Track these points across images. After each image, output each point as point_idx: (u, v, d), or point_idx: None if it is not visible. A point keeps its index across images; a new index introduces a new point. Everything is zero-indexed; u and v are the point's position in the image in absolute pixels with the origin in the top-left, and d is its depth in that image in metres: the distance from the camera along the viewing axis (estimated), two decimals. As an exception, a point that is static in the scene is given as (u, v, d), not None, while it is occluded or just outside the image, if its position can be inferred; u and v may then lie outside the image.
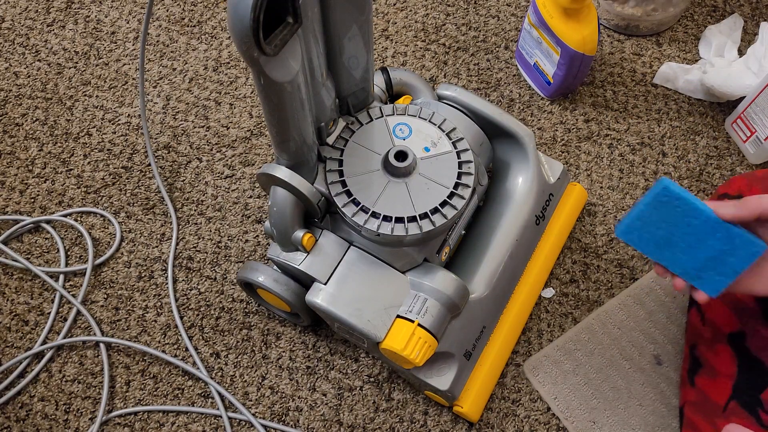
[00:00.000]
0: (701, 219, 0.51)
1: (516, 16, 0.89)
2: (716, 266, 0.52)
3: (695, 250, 0.52)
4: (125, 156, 0.81)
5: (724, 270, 0.52)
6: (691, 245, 0.52)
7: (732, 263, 0.51)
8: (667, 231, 0.52)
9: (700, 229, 0.51)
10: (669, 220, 0.52)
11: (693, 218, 0.51)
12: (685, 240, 0.52)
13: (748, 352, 0.59)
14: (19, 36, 0.90)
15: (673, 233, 0.52)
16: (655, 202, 0.52)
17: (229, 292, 0.73)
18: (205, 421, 0.67)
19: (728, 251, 0.51)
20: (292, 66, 0.46)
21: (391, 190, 0.57)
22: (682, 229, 0.52)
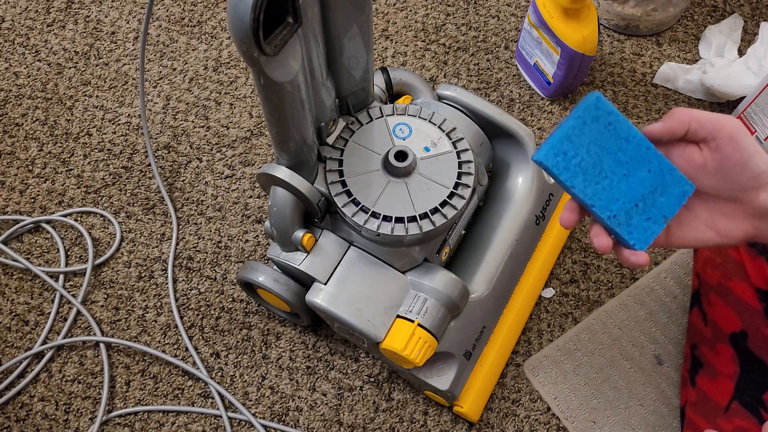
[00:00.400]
0: (634, 142, 0.44)
1: (516, 16, 0.89)
2: (646, 208, 0.45)
3: (625, 184, 0.45)
4: (125, 156, 0.81)
5: (653, 214, 0.45)
6: (621, 178, 0.44)
7: (662, 205, 0.45)
8: (595, 156, 0.44)
9: (632, 155, 0.44)
10: (599, 141, 0.44)
11: (625, 141, 0.44)
12: (614, 170, 0.44)
13: (750, 353, 0.59)
14: (19, 36, 0.90)
15: (602, 160, 0.44)
16: (586, 116, 0.44)
17: (229, 292, 0.73)
18: (205, 421, 0.67)
19: (659, 189, 0.45)
20: (292, 66, 0.46)
21: (391, 190, 0.57)
22: (613, 155, 0.44)
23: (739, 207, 0.44)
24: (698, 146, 0.44)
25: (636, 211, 0.45)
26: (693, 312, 0.66)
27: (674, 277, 0.72)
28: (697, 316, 0.65)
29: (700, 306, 0.65)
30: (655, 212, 0.45)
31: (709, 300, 0.64)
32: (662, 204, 0.45)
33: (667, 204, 0.45)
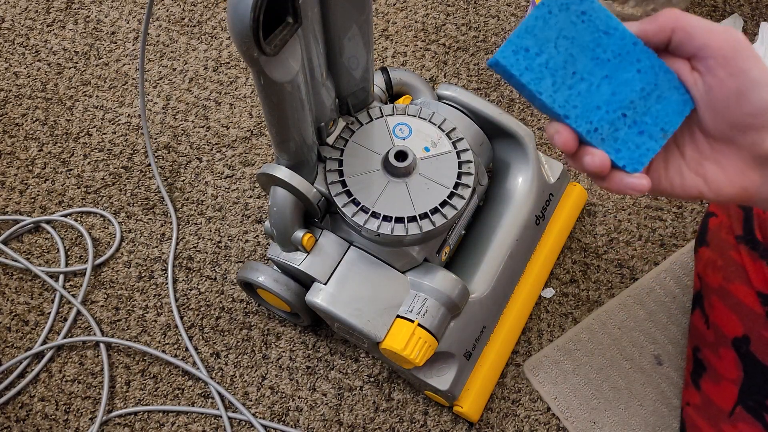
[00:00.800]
0: (616, 36, 0.35)
1: (516, 16, 0.89)
2: (638, 118, 0.35)
3: (608, 87, 0.35)
4: (125, 156, 0.81)
5: (648, 126, 0.35)
6: (602, 80, 0.35)
7: (658, 114, 0.35)
8: (566, 54, 0.35)
9: (614, 51, 0.35)
10: (570, 35, 0.35)
11: (604, 33, 0.35)
12: (592, 71, 0.35)
13: (754, 358, 0.57)
14: (19, 36, 0.90)
15: (576, 58, 0.35)
16: (552, 4, 0.35)
17: (229, 292, 0.73)
18: (205, 421, 0.67)
19: (654, 94, 0.35)
20: (292, 66, 0.46)
21: (391, 190, 0.57)
22: (589, 51, 0.35)
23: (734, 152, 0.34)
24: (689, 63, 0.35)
25: (624, 122, 0.35)
26: (695, 314, 0.66)
27: (674, 277, 0.72)
28: (699, 318, 0.64)
29: (702, 308, 0.65)
30: (650, 123, 0.35)
31: (710, 302, 0.63)
32: (659, 113, 0.35)
33: (665, 113, 0.35)
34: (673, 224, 0.75)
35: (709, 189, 0.35)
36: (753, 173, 0.34)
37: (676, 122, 0.35)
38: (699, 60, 0.34)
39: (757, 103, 0.32)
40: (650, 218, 0.76)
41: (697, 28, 0.33)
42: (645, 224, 0.75)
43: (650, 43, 0.35)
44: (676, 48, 0.34)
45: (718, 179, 0.35)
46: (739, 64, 0.32)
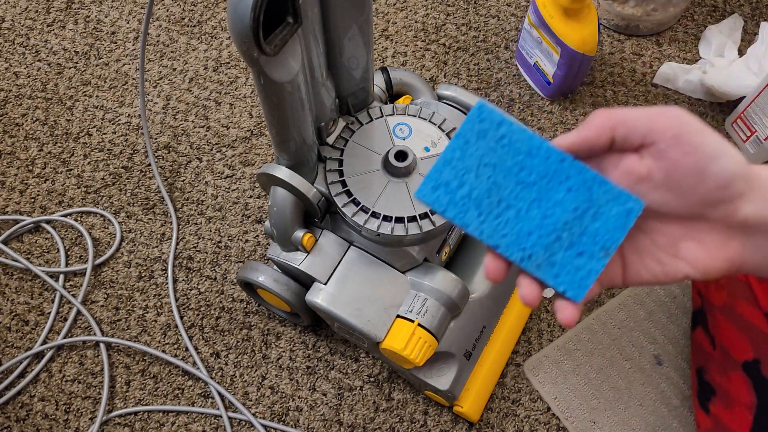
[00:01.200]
0: (541, 155, 0.33)
1: (516, 16, 0.89)
2: (574, 240, 0.32)
3: (538, 211, 0.33)
4: (125, 156, 0.81)
5: (587, 246, 0.32)
6: (531, 204, 0.33)
7: (597, 233, 0.32)
8: (489, 182, 0.33)
9: (540, 172, 0.33)
10: (491, 161, 0.33)
11: (527, 155, 0.33)
12: (519, 196, 0.33)
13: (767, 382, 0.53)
14: (19, 36, 0.90)
15: (500, 185, 0.33)
16: (468, 133, 0.33)
17: (229, 292, 0.73)
18: (205, 421, 0.67)
19: (589, 212, 0.32)
20: (292, 66, 0.46)
21: (391, 190, 0.57)
22: (513, 176, 0.33)
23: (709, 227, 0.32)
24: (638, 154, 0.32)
25: (560, 245, 0.32)
26: (697, 332, 0.64)
27: (674, 277, 0.71)
28: (702, 337, 0.62)
29: (705, 327, 0.62)
30: (589, 243, 0.32)
31: (715, 322, 0.60)
32: (597, 231, 0.32)
33: (605, 230, 0.32)
34: (673, 224, 0.75)
35: (694, 269, 0.33)
36: (733, 243, 0.33)
37: (619, 237, 0.32)
38: (648, 147, 0.31)
39: (719, 176, 0.30)
40: (650, 218, 0.75)
41: (636, 119, 0.31)
42: (645, 224, 0.75)
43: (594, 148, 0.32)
44: (622, 144, 0.32)
45: (700, 257, 0.33)
46: (690, 140, 0.30)
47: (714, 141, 0.30)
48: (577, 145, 0.32)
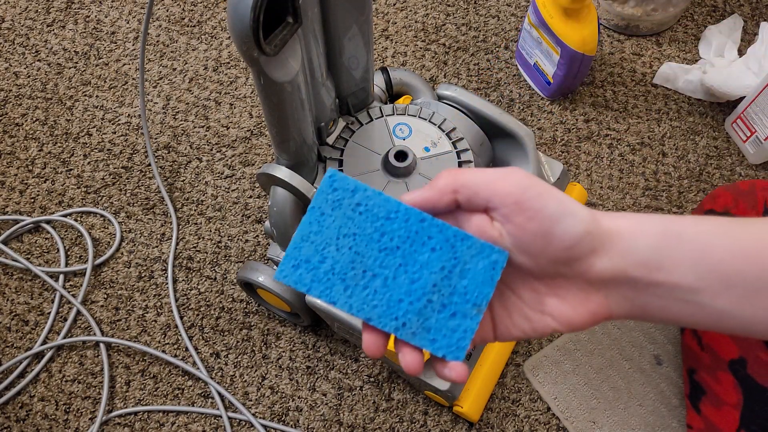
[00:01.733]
0: (400, 218, 0.32)
1: (516, 16, 0.89)
2: (445, 301, 0.32)
3: (405, 276, 0.32)
4: (125, 156, 0.81)
5: (458, 305, 0.32)
6: (397, 270, 0.32)
7: (466, 291, 0.32)
8: (351, 253, 0.32)
9: (402, 235, 0.32)
10: (350, 231, 0.32)
11: (386, 219, 0.32)
12: (384, 263, 0.32)
13: (752, 381, 0.56)
14: (19, 36, 0.90)
15: (362, 254, 0.32)
16: (322, 204, 0.32)
17: (229, 292, 0.73)
18: (205, 421, 0.67)
19: (455, 270, 0.32)
20: (292, 66, 0.46)
21: (391, 190, 0.57)
22: (375, 243, 0.32)
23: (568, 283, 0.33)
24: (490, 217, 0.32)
25: (432, 309, 0.32)
26: (686, 333, 0.65)
27: (674, 277, 0.72)
28: (691, 338, 0.63)
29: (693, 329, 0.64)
30: (460, 302, 0.32)
31: None
32: (467, 288, 0.32)
33: (474, 286, 0.32)
34: (673, 224, 0.75)
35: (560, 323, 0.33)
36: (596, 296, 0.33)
37: (488, 292, 0.32)
38: (493, 211, 0.32)
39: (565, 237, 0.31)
40: (650, 218, 0.75)
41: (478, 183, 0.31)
42: (645, 224, 0.75)
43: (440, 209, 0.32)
44: (468, 206, 0.32)
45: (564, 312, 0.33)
46: (531, 205, 0.30)
47: (555, 203, 0.30)
48: (419, 205, 0.32)
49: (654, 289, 0.32)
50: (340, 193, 0.32)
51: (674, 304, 0.32)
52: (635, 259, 0.31)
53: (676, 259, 0.31)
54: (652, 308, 0.33)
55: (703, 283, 0.31)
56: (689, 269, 0.31)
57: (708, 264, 0.31)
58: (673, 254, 0.31)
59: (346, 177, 0.32)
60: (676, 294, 0.32)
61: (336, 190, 0.32)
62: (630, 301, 0.33)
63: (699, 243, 0.32)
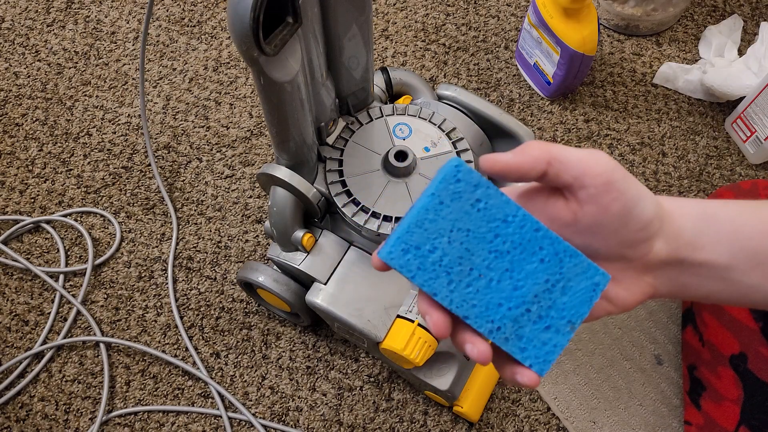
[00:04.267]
0: (516, 223, 0.32)
1: (516, 16, 0.89)
2: (543, 313, 0.32)
3: (509, 282, 0.32)
4: (125, 156, 0.81)
5: (554, 320, 0.32)
6: (503, 274, 0.32)
7: (565, 307, 0.32)
8: (462, 248, 0.31)
9: (515, 241, 0.32)
10: (465, 226, 0.31)
11: (503, 222, 0.32)
12: (492, 265, 0.32)
13: (753, 376, 0.56)
14: (19, 36, 0.90)
15: (472, 252, 0.31)
16: (443, 194, 0.31)
17: (229, 292, 0.73)
18: (205, 421, 0.67)
19: (558, 285, 0.32)
20: (292, 66, 0.46)
21: (391, 190, 0.57)
22: (487, 243, 0.32)
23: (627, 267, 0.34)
24: (564, 197, 0.33)
25: (528, 318, 0.32)
26: (687, 330, 0.65)
27: (674, 277, 0.72)
28: (692, 335, 0.64)
29: (694, 325, 0.64)
30: (556, 317, 0.32)
31: (703, 320, 0.62)
32: (565, 305, 0.32)
33: (572, 304, 0.32)
34: (673, 224, 0.75)
35: (615, 306, 0.35)
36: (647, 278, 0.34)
37: (584, 312, 0.32)
38: (576, 190, 0.32)
39: (641, 217, 0.32)
40: (650, 218, 0.75)
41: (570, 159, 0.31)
42: (645, 224, 0.75)
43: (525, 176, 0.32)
44: (552, 179, 0.32)
45: (620, 295, 0.34)
46: (619, 186, 0.31)
47: (636, 185, 0.32)
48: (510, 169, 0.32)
49: (695, 268, 0.34)
50: (463, 185, 0.31)
51: (709, 281, 0.34)
52: (684, 240, 0.34)
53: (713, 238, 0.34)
54: (690, 286, 0.35)
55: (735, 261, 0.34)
56: (725, 248, 0.34)
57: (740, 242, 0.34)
58: (711, 234, 0.34)
59: (471, 169, 0.31)
60: (713, 272, 0.34)
61: (459, 181, 0.31)
62: (673, 281, 0.35)
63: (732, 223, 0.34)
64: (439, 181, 0.31)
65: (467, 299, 0.31)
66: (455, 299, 0.31)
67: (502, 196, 0.31)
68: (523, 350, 0.32)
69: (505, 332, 0.32)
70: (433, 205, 0.31)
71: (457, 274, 0.31)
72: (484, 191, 0.31)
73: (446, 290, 0.31)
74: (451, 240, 0.31)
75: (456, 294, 0.31)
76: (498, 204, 0.31)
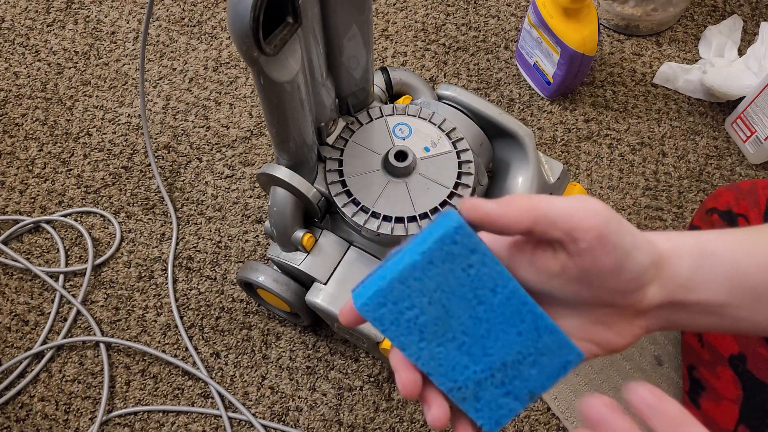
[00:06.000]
0: (504, 294, 0.31)
1: (516, 16, 0.89)
2: (507, 381, 0.32)
3: (480, 347, 0.31)
4: (125, 156, 0.81)
5: (516, 389, 0.32)
6: (477, 340, 0.31)
7: (530, 379, 0.32)
8: (441, 310, 0.30)
9: (498, 312, 0.31)
10: (450, 289, 0.30)
11: (491, 291, 0.31)
12: (468, 330, 0.31)
13: (752, 376, 0.57)
14: (19, 36, 0.90)
15: (451, 315, 0.30)
16: (435, 255, 0.30)
17: (229, 292, 0.73)
18: (205, 421, 0.67)
19: (530, 358, 0.31)
20: (292, 66, 0.46)
21: (391, 190, 0.57)
22: (469, 309, 0.31)
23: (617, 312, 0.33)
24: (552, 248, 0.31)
25: (491, 383, 0.31)
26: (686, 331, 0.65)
27: (674, 277, 0.71)
28: (691, 336, 0.64)
29: None
30: (519, 387, 0.32)
31: None
32: (531, 377, 0.32)
33: (539, 378, 0.32)
34: (673, 224, 0.75)
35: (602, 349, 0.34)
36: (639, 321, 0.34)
37: (548, 385, 0.32)
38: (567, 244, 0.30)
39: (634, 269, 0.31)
40: (650, 218, 0.76)
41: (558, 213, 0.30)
42: (645, 224, 0.75)
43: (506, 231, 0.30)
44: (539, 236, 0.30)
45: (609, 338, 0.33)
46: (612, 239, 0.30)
47: (630, 235, 0.31)
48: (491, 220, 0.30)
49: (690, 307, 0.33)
50: (459, 248, 0.30)
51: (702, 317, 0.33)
52: (678, 283, 0.32)
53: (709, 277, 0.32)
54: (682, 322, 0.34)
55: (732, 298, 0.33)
56: (721, 286, 0.32)
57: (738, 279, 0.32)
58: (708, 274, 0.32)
59: (471, 233, 0.30)
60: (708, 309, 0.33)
61: (456, 243, 0.30)
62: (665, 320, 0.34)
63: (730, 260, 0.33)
64: (435, 241, 0.29)
65: (434, 358, 0.31)
66: (422, 357, 0.30)
67: (496, 265, 0.30)
68: (477, 411, 0.31)
69: (464, 393, 0.31)
70: (422, 264, 0.30)
71: (430, 334, 0.30)
72: (480, 258, 0.30)
73: (416, 347, 0.30)
74: (432, 301, 0.30)
75: (424, 353, 0.30)
76: (491, 273, 0.30)
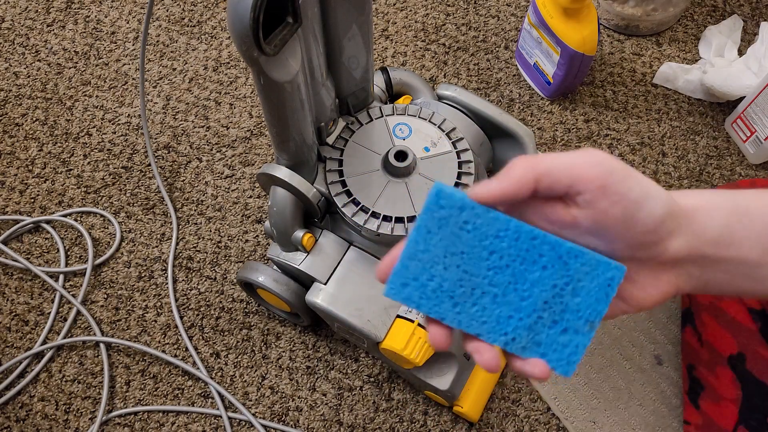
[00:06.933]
0: (510, 236, 0.31)
1: (516, 16, 0.89)
2: (556, 317, 0.32)
3: (514, 294, 0.32)
4: (125, 156, 0.81)
5: (570, 322, 0.32)
6: (507, 288, 0.32)
7: (579, 307, 0.32)
8: (459, 271, 0.31)
9: (512, 254, 0.31)
10: (458, 250, 0.31)
11: (495, 238, 0.31)
12: (493, 281, 0.32)
13: (751, 375, 0.57)
14: (19, 36, 0.90)
15: (470, 272, 0.31)
16: (429, 222, 0.31)
17: (229, 292, 0.73)
18: (205, 421, 0.67)
19: (568, 287, 0.31)
20: (292, 66, 0.46)
21: (391, 190, 0.57)
22: (483, 261, 0.31)
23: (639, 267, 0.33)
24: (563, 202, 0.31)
25: (543, 324, 0.32)
26: (686, 331, 0.65)
27: (674, 277, 0.72)
28: (691, 335, 0.64)
29: (693, 325, 0.64)
30: (572, 320, 0.32)
31: (702, 320, 0.62)
32: (579, 306, 0.32)
33: (587, 303, 0.32)
34: (673, 224, 0.75)
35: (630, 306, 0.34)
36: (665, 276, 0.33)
37: (603, 309, 0.32)
38: (573, 197, 0.30)
39: (647, 221, 0.30)
40: (650, 218, 0.75)
41: (559, 168, 0.30)
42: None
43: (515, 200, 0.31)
44: (546, 193, 0.30)
45: (635, 294, 0.33)
46: (616, 189, 0.29)
47: (639, 185, 0.30)
48: (497, 199, 0.30)
49: (722, 264, 0.33)
50: (446, 210, 0.31)
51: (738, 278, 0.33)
52: (709, 237, 0.32)
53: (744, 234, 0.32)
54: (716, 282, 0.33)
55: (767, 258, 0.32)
56: (756, 244, 0.32)
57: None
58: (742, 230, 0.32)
59: (453, 193, 0.31)
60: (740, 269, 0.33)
61: (442, 207, 0.31)
62: (696, 278, 0.33)
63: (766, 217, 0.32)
64: (423, 212, 0.31)
65: (476, 318, 0.32)
66: (463, 320, 0.32)
67: (489, 213, 0.31)
68: (543, 356, 0.32)
69: (521, 342, 0.32)
70: (422, 236, 0.31)
71: (460, 296, 0.31)
72: (470, 212, 0.31)
73: (453, 313, 0.31)
74: (447, 266, 0.31)
75: (463, 315, 0.32)
76: (487, 222, 0.31)
